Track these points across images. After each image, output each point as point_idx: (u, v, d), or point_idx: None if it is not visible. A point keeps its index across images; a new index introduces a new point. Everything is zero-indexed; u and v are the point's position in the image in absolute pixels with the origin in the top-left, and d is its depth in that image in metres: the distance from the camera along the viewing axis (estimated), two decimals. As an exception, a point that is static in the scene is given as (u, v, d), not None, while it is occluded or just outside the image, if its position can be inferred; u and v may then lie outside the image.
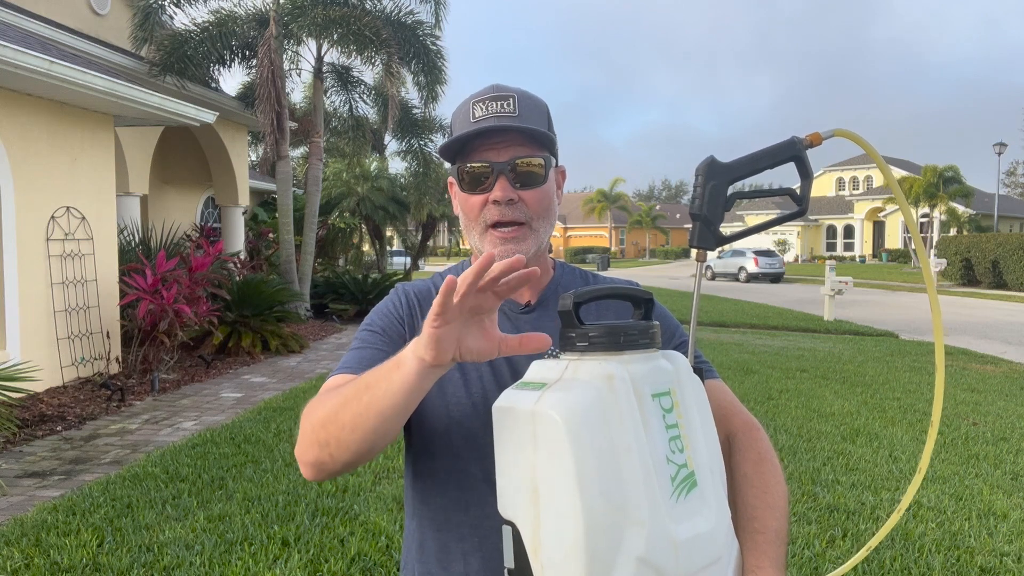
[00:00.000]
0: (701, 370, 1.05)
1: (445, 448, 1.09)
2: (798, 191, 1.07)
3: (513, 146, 1.09)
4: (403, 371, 0.87)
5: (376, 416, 0.89)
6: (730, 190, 1.03)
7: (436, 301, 0.81)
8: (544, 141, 1.12)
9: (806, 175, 1.05)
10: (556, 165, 1.18)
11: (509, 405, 0.88)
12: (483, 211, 1.11)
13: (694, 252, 1.08)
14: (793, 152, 1.02)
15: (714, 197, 1.01)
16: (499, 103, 1.10)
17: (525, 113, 1.11)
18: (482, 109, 1.10)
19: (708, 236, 1.02)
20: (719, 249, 1.08)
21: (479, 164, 1.10)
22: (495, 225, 1.11)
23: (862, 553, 1.16)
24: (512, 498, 0.88)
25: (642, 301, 0.97)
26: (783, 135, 1.07)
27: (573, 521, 0.82)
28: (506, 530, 0.89)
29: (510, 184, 1.09)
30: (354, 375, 1.03)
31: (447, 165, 1.20)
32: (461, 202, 1.15)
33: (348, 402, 0.91)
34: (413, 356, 0.86)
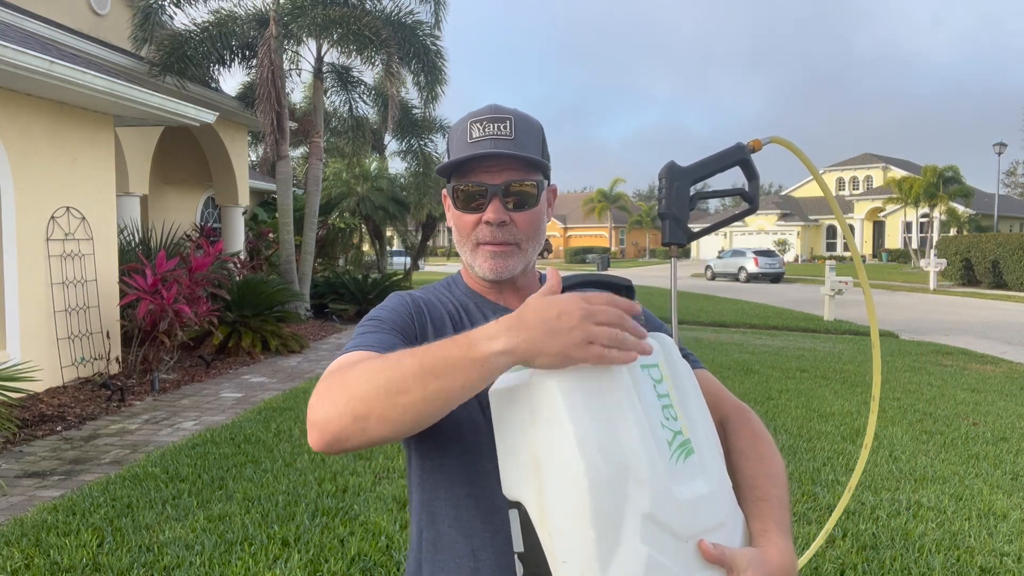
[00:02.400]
0: (688, 358, 1.11)
1: (455, 443, 1.10)
2: (748, 190, 1.19)
3: (508, 169, 1.13)
4: (490, 371, 0.87)
5: (443, 406, 0.88)
6: (692, 190, 1.14)
7: (623, 359, 0.86)
8: (538, 165, 1.16)
9: (752, 176, 1.16)
10: (548, 185, 1.23)
11: (505, 386, 0.91)
12: (475, 230, 1.16)
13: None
14: (740, 156, 1.13)
15: (679, 197, 1.11)
16: (496, 125, 1.13)
17: (521, 136, 1.14)
18: (479, 130, 1.13)
19: (678, 232, 1.12)
20: (719, 250, 1.15)
21: (474, 185, 1.14)
22: (487, 242, 1.16)
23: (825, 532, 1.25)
24: (516, 477, 0.91)
25: (622, 288, 1.02)
26: (780, 134, 1.17)
27: (575, 484, 0.84)
28: (512, 514, 0.90)
29: (503, 206, 1.13)
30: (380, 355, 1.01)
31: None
32: (455, 219, 1.19)
33: (406, 383, 0.87)
34: (513, 357, 0.86)
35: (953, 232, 36.24)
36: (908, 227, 44.43)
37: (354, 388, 0.90)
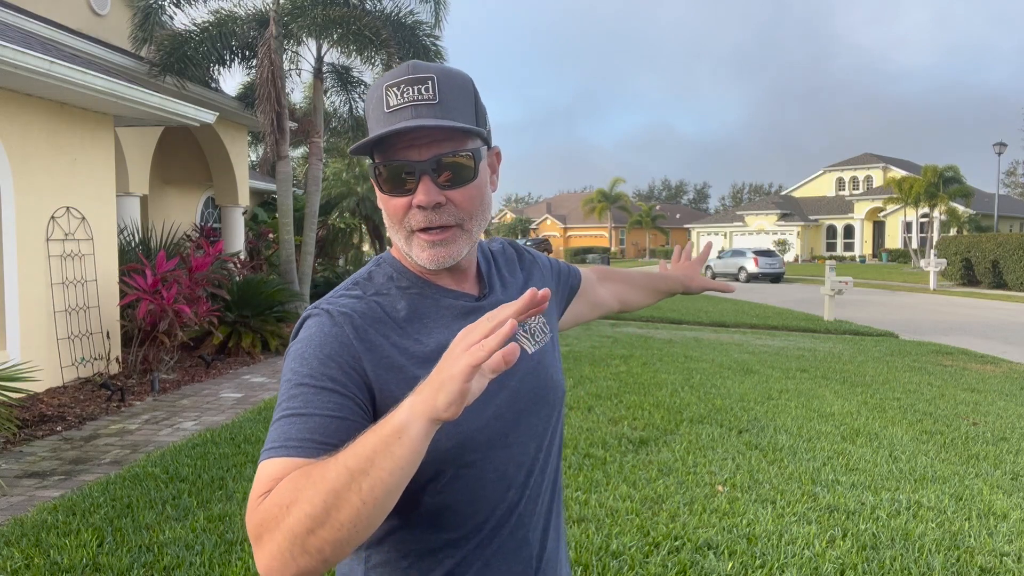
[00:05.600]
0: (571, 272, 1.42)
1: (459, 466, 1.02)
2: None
3: (436, 141, 0.98)
4: (410, 440, 0.77)
5: (384, 499, 0.78)
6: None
7: (489, 347, 0.73)
8: (471, 131, 1.00)
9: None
10: (489, 148, 1.07)
11: None
12: (407, 215, 1.00)
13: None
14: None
15: None
16: (415, 88, 0.97)
17: (446, 97, 0.98)
18: (396, 95, 0.98)
19: None
20: (719, 250, 1.12)
21: (397, 164, 0.98)
22: (422, 230, 1.01)
23: None
24: None
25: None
26: (780, 134, 1.14)
27: None
28: None
29: (435, 185, 0.98)
30: (306, 460, 0.85)
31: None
32: (383, 204, 1.03)
33: (340, 495, 0.76)
34: (424, 420, 0.77)
35: (953, 232, 36.26)
36: (908, 227, 44.43)
37: (292, 525, 0.78)
